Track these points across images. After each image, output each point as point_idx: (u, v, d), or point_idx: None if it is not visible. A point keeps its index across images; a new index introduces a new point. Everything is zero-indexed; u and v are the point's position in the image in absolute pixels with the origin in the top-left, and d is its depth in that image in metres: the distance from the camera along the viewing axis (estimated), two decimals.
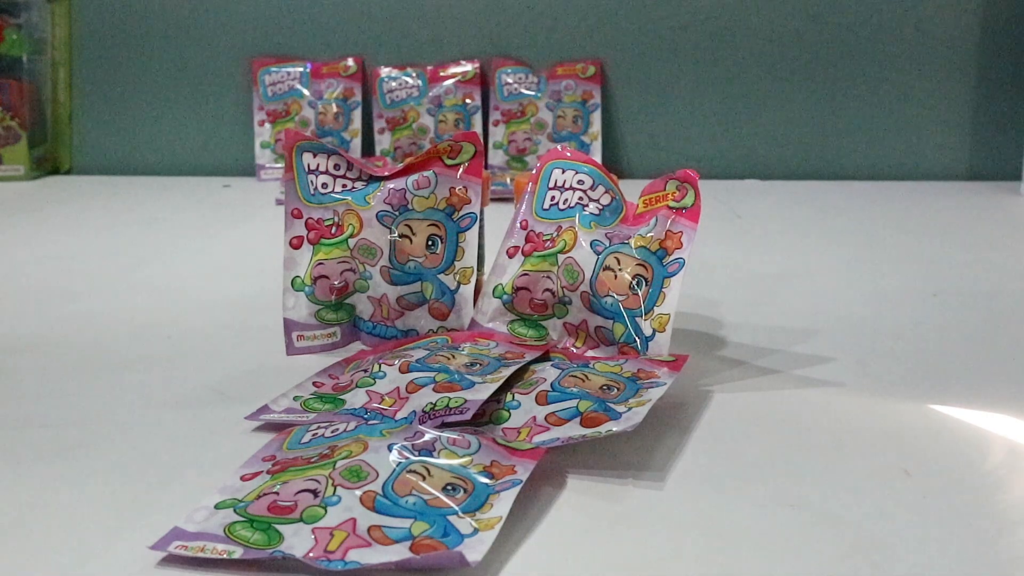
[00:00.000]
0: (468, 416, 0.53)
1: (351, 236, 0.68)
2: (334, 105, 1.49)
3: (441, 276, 0.68)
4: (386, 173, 0.70)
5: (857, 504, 0.48)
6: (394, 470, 0.46)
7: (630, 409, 0.54)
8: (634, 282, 0.64)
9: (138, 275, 0.94)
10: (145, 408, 0.61)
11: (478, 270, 0.70)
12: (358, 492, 0.45)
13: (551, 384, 0.57)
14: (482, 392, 0.55)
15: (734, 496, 0.49)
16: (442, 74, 1.49)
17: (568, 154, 0.70)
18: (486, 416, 0.56)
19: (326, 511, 0.44)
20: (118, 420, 0.59)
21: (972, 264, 0.98)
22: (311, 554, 0.42)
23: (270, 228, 1.12)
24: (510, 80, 1.48)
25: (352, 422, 0.53)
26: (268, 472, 0.48)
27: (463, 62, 1.50)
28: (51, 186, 1.46)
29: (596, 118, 1.47)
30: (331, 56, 1.51)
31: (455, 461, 0.48)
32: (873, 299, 0.84)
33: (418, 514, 0.44)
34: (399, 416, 0.55)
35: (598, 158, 1.45)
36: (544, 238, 0.68)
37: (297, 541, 0.43)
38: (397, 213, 0.68)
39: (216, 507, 0.45)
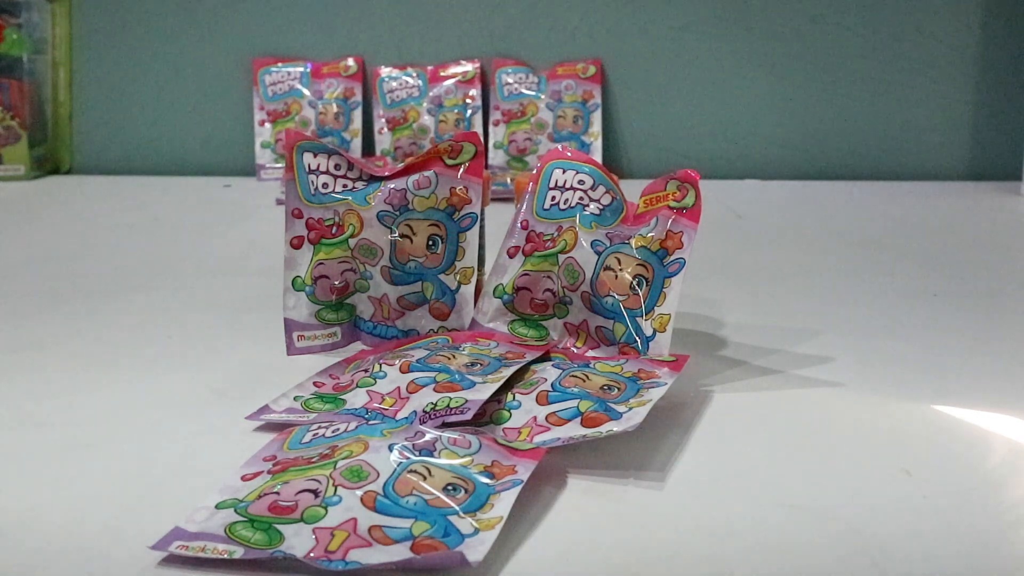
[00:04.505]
0: (469, 416, 0.53)
1: (352, 236, 0.68)
2: (334, 105, 1.49)
3: (442, 276, 0.68)
4: (386, 173, 0.70)
5: (857, 504, 0.48)
6: (395, 470, 0.46)
7: (631, 409, 0.54)
8: (635, 282, 0.64)
9: (138, 275, 0.94)
10: (145, 408, 0.61)
11: (479, 270, 0.70)
12: (359, 492, 0.45)
13: (552, 384, 0.57)
14: (483, 392, 0.55)
15: (734, 496, 0.49)
16: (442, 74, 1.49)
17: (568, 154, 0.70)
18: (487, 416, 0.56)
19: (327, 511, 0.44)
20: (118, 420, 0.59)
21: (972, 264, 0.98)
22: (312, 554, 0.42)
23: (270, 228, 1.12)
24: (510, 80, 1.48)
25: (353, 422, 0.53)
26: (269, 472, 0.48)
27: (463, 62, 1.50)
28: (51, 186, 1.46)
29: (596, 118, 1.47)
30: (331, 56, 1.51)
31: (456, 461, 0.48)
32: (873, 299, 0.84)
33: (419, 514, 0.44)
34: (400, 416, 0.55)
35: (598, 158, 1.45)
36: (545, 238, 0.68)
37: (298, 541, 0.43)
38: (398, 213, 0.68)
39: (217, 507, 0.45)
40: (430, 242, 0.68)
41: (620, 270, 0.64)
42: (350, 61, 1.50)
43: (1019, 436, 0.56)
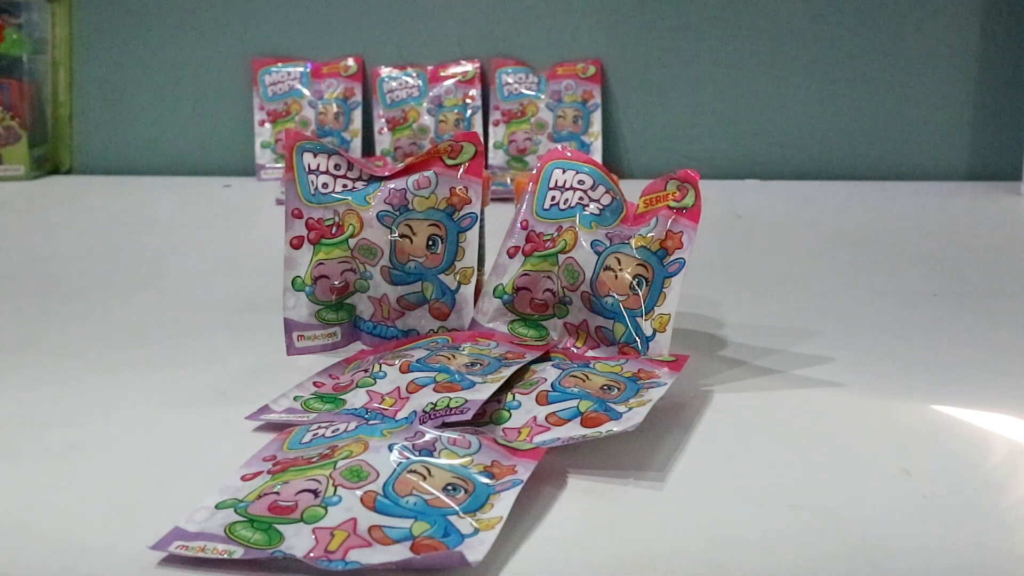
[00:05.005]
0: (468, 416, 0.53)
1: (351, 236, 0.68)
2: (334, 105, 1.49)
3: (441, 276, 0.68)
4: (386, 173, 0.70)
5: (857, 504, 0.48)
6: (395, 470, 0.46)
7: (630, 409, 0.54)
8: (634, 282, 0.64)
9: (138, 275, 0.94)
10: (145, 408, 0.61)
11: (478, 270, 0.70)
12: (359, 492, 0.45)
13: (551, 384, 0.57)
14: (483, 392, 0.55)
15: (734, 496, 0.49)
16: (442, 74, 1.49)
17: (568, 154, 0.70)
18: (487, 416, 0.56)
19: (327, 511, 0.44)
20: (118, 420, 0.59)
21: (972, 264, 0.98)
22: (311, 554, 0.42)
23: (270, 228, 1.12)
24: (510, 80, 1.48)
25: (353, 422, 0.53)
26: (269, 472, 0.48)
27: (463, 62, 1.50)
28: (51, 186, 1.46)
29: (596, 118, 1.47)
30: (331, 56, 1.51)
31: (456, 461, 0.48)
32: (873, 299, 0.84)
33: (419, 514, 0.44)
34: (399, 416, 0.55)
35: (598, 158, 1.45)
36: (544, 238, 0.68)
37: (298, 541, 0.43)
38: (397, 213, 0.68)
39: (217, 507, 0.45)
40: (430, 242, 0.68)
41: (620, 270, 0.64)
42: (350, 61, 1.50)
43: (1019, 436, 0.56)
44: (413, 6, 1.50)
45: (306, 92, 1.50)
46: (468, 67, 1.49)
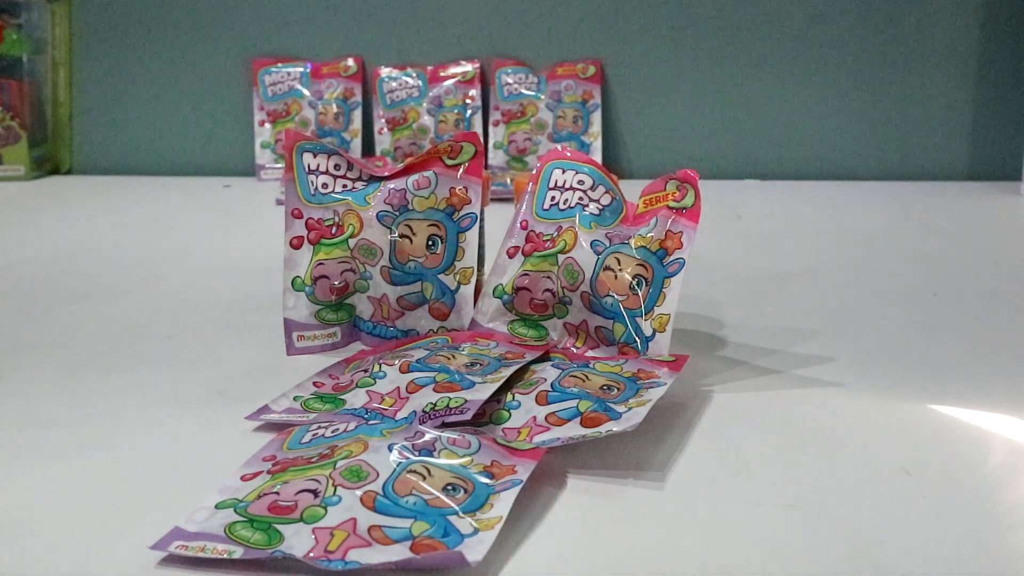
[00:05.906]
0: (468, 416, 0.53)
1: (351, 236, 0.68)
2: (334, 105, 1.49)
3: (441, 276, 0.68)
4: (386, 173, 0.70)
5: (857, 504, 0.48)
6: (394, 470, 0.46)
7: (630, 409, 0.54)
8: (634, 282, 0.64)
9: (138, 275, 0.94)
10: (145, 408, 0.61)
11: (478, 270, 0.70)
12: (358, 492, 0.45)
13: (551, 384, 0.57)
14: (482, 392, 0.55)
15: (734, 496, 0.49)
16: (442, 74, 1.49)
17: (568, 154, 0.70)
18: (486, 416, 0.56)
19: (326, 511, 0.44)
20: (118, 420, 0.59)
21: (972, 264, 0.98)
22: (311, 554, 0.42)
23: (270, 228, 1.12)
24: (510, 80, 1.48)
25: (352, 422, 0.53)
26: (268, 472, 0.48)
27: (463, 62, 1.50)
28: (51, 186, 1.46)
29: (596, 118, 1.47)
30: (331, 56, 1.52)
31: (455, 461, 0.48)
32: (873, 299, 0.84)
33: (418, 514, 0.44)
34: (399, 416, 0.55)
35: (598, 158, 1.45)
36: (544, 238, 0.68)
37: (297, 541, 0.43)
38: (397, 213, 0.68)
39: (216, 507, 0.45)
40: (430, 242, 0.68)
41: (620, 270, 0.64)
42: (350, 61, 1.50)
43: (1019, 436, 0.56)
44: (413, 6, 1.50)
45: (306, 92, 1.50)
46: (468, 67, 1.50)
